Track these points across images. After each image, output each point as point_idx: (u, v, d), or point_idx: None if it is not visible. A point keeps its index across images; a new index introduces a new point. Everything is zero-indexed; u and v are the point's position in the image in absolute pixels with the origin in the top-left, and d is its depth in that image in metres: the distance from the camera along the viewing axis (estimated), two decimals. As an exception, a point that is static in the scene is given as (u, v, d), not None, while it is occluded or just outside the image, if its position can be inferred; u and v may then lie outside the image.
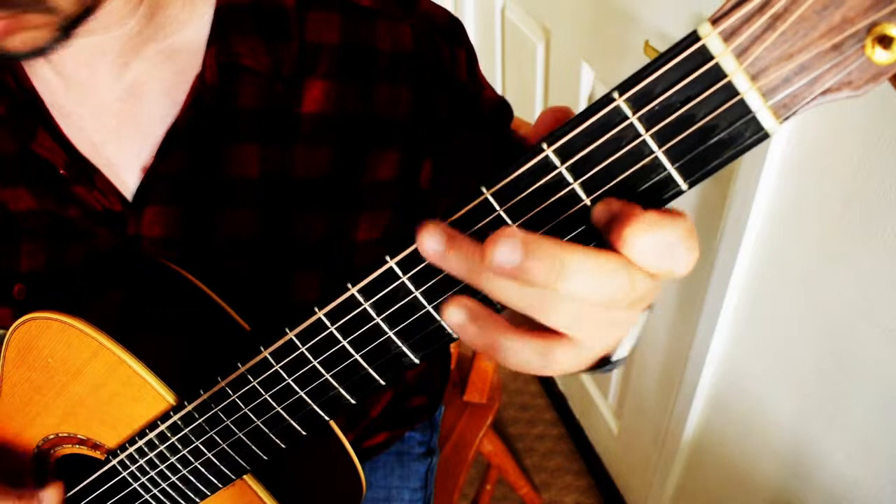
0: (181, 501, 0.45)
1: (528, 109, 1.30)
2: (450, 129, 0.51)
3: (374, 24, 0.48)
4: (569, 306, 0.25)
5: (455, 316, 0.27)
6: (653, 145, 0.24)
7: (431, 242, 0.26)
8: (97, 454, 0.46)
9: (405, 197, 0.51)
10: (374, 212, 0.50)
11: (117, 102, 0.46)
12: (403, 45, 0.48)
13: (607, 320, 0.26)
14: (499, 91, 1.44)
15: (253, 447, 0.39)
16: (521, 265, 0.23)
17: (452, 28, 0.51)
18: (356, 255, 0.51)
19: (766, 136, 0.23)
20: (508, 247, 0.23)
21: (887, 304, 0.63)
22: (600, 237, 0.25)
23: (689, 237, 0.24)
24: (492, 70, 1.42)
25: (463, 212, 0.27)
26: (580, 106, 1.09)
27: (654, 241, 0.23)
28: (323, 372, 0.33)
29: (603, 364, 0.31)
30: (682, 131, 0.23)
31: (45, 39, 0.37)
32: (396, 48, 0.48)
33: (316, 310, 0.32)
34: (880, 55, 0.21)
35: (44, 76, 0.45)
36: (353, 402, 0.34)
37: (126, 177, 0.47)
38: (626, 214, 0.24)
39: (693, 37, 0.22)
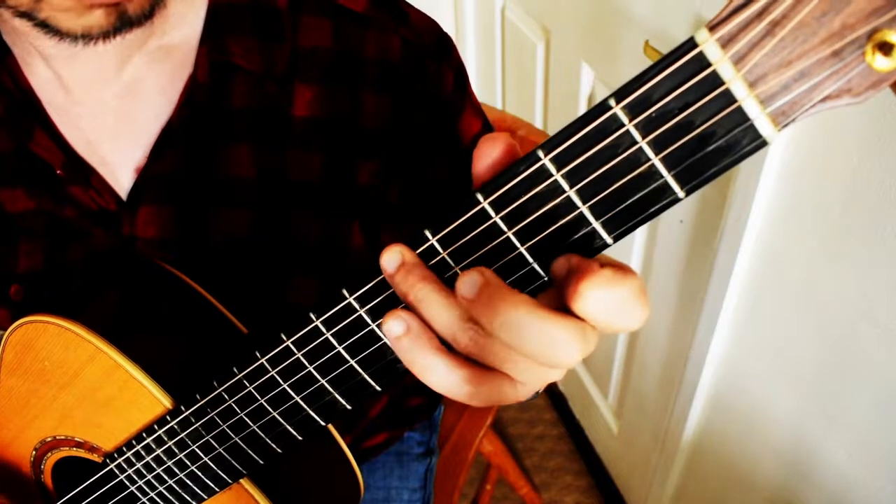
0: (178, 505, 0.45)
1: (528, 109, 1.30)
2: (424, 144, 0.50)
3: (364, 31, 0.48)
4: (502, 350, 0.26)
5: (392, 326, 0.28)
6: (649, 153, 0.24)
7: (387, 261, 0.28)
8: (94, 457, 0.46)
9: (379, 207, 0.51)
10: (366, 217, 0.50)
11: (115, 100, 0.46)
12: (391, 55, 0.48)
13: (539, 368, 0.27)
14: (498, 91, 1.44)
15: (249, 451, 0.39)
16: (472, 303, 0.25)
17: (441, 44, 0.51)
18: (352, 260, 0.50)
19: (764, 143, 0.23)
20: (467, 281, 0.25)
21: (887, 304, 0.63)
22: (593, 249, 0.26)
23: (641, 295, 0.25)
24: (492, 70, 1.42)
25: (460, 220, 0.27)
26: (580, 106, 1.08)
27: (607, 297, 0.24)
28: (318, 377, 0.33)
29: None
30: (680, 139, 0.23)
31: (147, 6, 0.39)
32: (384, 58, 0.48)
33: (312, 316, 0.31)
34: (881, 62, 0.21)
35: (42, 75, 0.45)
36: (349, 407, 0.34)
37: (121, 176, 0.47)
38: (582, 270, 0.24)
39: (690, 43, 0.22)
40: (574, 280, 0.24)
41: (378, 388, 0.33)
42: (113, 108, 0.46)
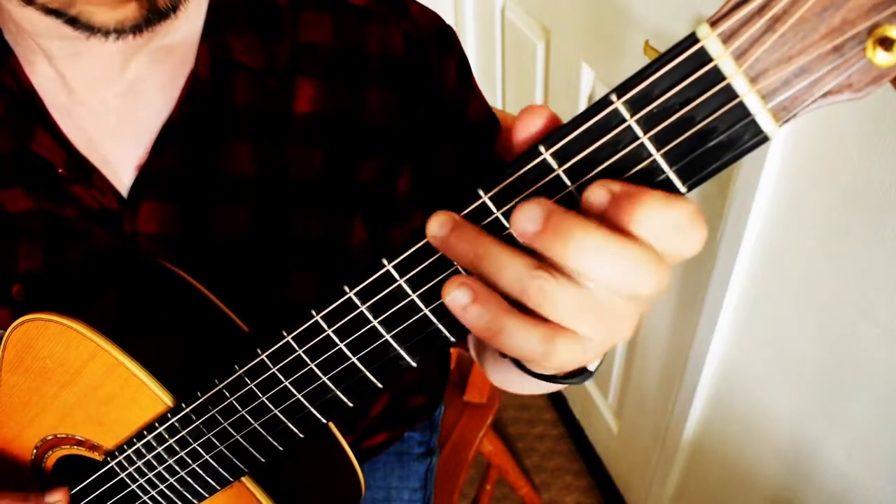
0: (179, 503, 0.45)
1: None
2: (430, 138, 0.50)
3: (365, 25, 0.48)
4: (574, 296, 0.24)
5: (458, 296, 0.26)
6: (651, 148, 0.24)
7: (437, 226, 0.26)
8: (95, 455, 0.46)
9: (384, 203, 0.50)
10: (368, 212, 0.50)
11: (117, 99, 0.46)
12: (394, 49, 0.48)
13: (610, 313, 0.25)
14: (498, 91, 1.44)
15: (250, 449, 0.39)
16: (539, 235, 0.23)
17: (443, 36, 0.51)
18: (352, 257, 0.50)
19: (765, 138, 0.23)
20: (527, 214, 0.24)
21: (887, 304, 0.63)
22: None
23: (696, 218, 0.24)
24: (492, 70, 1.42)
25: (462, 214, 0.27)
26: (580, 106, 1.08)
27: (665, 220, 0.23)
28: (320, 375, 0.33)
29: (577, 374, 0.31)
30: (681, 134, 0.23)
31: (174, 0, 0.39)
32: (387, 52, 0.48)
33: (313, 312, 0.31)
34: (881, 57, 0.21)
35: (44, 74, 0.45)
36: (350, 405, 0.34)
37: (122, 174, 0.47)
38: (633, 194, 0.23)
39: (692, 38, 0.22)
40: (626, 206, 0.23)
41: (380, 386, 0.33)
42: (115, 107, 0.46)
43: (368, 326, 0.31)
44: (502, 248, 0.25)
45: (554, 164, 0.25)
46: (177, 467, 0.42)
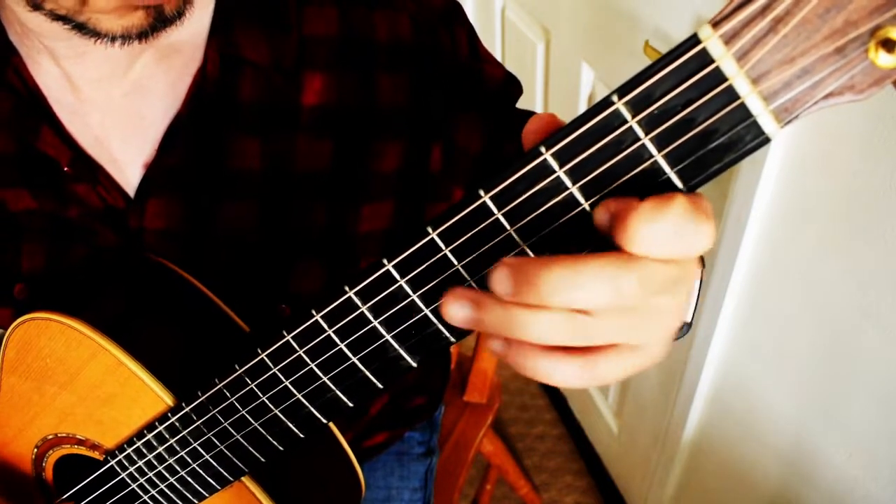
0: (179, 502, 0.45)
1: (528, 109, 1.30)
2: (453, 112, 0.50)
3: (371, 14, 0.48)
4: (592, 324, 0.25)
5: (496, 347, 0.27)
6: (652, 149, 0.24)
7: (458, 309, 0.27)
8: (96, 454, 0.46)
9: (414, 185, 0.51)
10: (377, 203, 0.50)
11: (123, 98, 0.46)
12: (402, 35, 0.48)
13: (640, 317, 0.25)
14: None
15: (250, 449, 0.39)
16: (515, 290, 0.24)
17: (450, 9, 0.51)
18: (358, 247, 0.50)
19: (767, 140, 0.23)
20: (497, 280, 0.24)
21: (887, 304, 0.63)
22: (600, 240, 0.25)
23: (693, 215, 0.23)
24: (492, 69, 1.42)
25: (461, 216, 0.27)
26: (580, 106, 1.08)
27: (657, 231, 0.23)
28: (320, 375, 0.33)
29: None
30: (682, 135, 0.23)
31: (182, 4, 0.39)
32: (395, 39, 0.48)
33: (313, 312, 0.31)
34: (884, 59, 0.21)
35: (49, 72, 0.45)
36: (350, 405, 0.34)
37: (129, 172, 0.47)
38: (624, 211, 0.23)
39: (693, 40, 0.22)
40: (620, 225, 0.23)
41: (380, 386, 0.33)
42: (121, 105, 0.46)
43: (369, 327, 0.31)
44: (520, 312, 0.25)
45: (555, 164, 0.25)
46: (177, 467, 0.42)
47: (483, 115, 0.52)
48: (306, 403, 0.35)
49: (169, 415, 0.40)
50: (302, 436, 0.37)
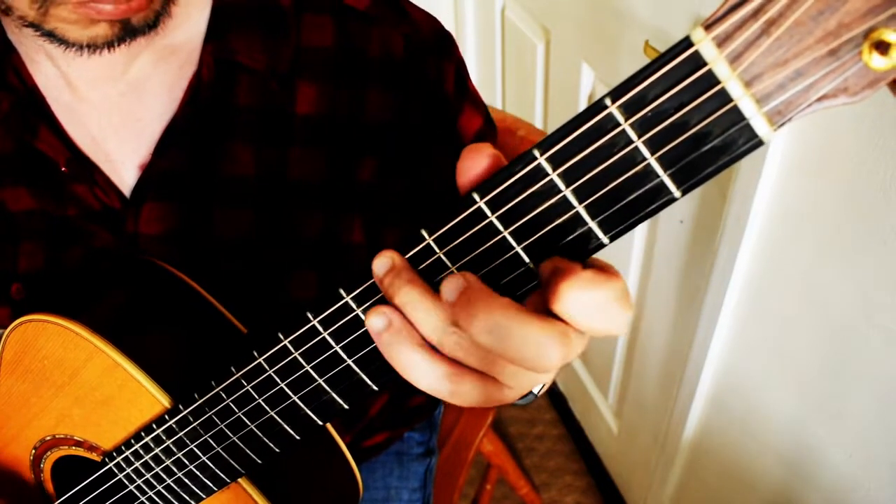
0: (177, 504, 0.45)
1: (528, 109, 1.30)
2: (424, 141, 0.50)
3: (367, 29, 0.48)
4: (485, 357, 0.26)
5: (375, 321, 0.28)
6: (645, 152, 0.23)
7: (379, 265, 0.28)
8: (94, 456, 0.46)
9: (397, 199, 0.51)
10: (368, 214, 0.50)
11: (120, 98, 0.46)
12: (394, 52, 0.48)
13: (517, 373, 0.27)
14: (498, 91, 1.44)
15: (247, 451, 0.39)
16: (453, 306, 0.25)
17: (442, 41, 0.51)
18: (353, 256, 0.51)
19: (760, 143, 0.23)
20: (449, 284, 0.26)
21: (887, 304, 0.62)
22: (594, 247, 0.25)
23: (623, 298, 0.24)
24: (492, 70, 1.42)
25: (456, 220, 0.27)
26: (580, 106, 1.08)
27: (586, 299, 0.24)
28: (316, 377, 0.33)
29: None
30: (675, 138, 0.23)
31: (152, 17, 0.40)
32: (387, 55, 0.48)
33: (310, 316, 0.31)
34: (877, 61, 0.21)
35: (48, 73, 0.45)
36: (346, 407, 0.34)
37: (125, 174, 0.47)
38: (563, 271, 0.24)
39: (686, 42, 0.22)
40: (555, 281, 0.24)
41: (375, 388, 0.33)
42: (118, 105, 0.46)
43: (364, 329, 0.31)
44: (426, 300, 0.27)
45: (548, 167, 0.25)
46: (174, 468, 0.42)
47: (450, 154, 0.52)
48: (302, 405, 0.35)
49: (166, 417, 0.40)
50: (298, 438, 0.37)
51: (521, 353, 0.25)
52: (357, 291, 0.30)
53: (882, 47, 0.21)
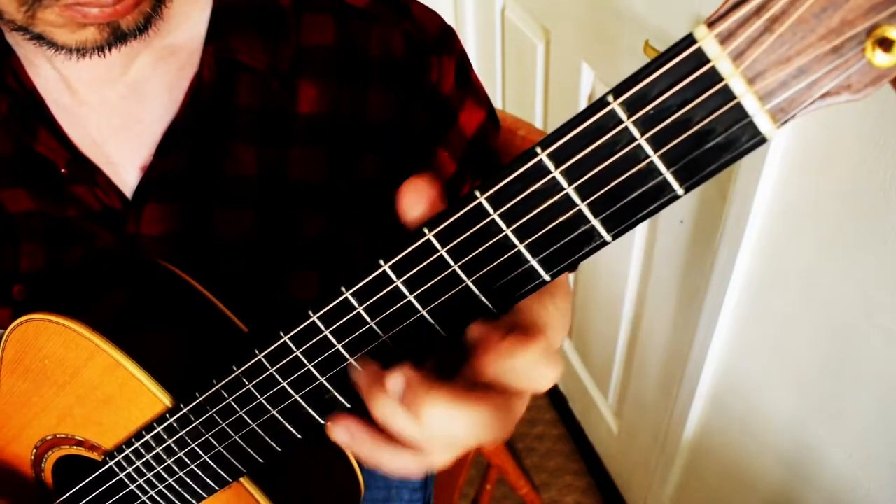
0: (178, 503, 0.45)
1: (527, 109, 1.30)
2: (426, 138, 0.50)
3: (368, 27, 0.48)
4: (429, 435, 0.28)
5: (340, 435, 0.31)
6: (648, 150, 0.23)
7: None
8: (94, 455, 0.46)
9: (384, 202, 0.51)
10: (368, 213, 0.50)
11: (120, 100, 0.46)
12: (395, 50, 0.48)
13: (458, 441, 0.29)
14: (498, 91, 1.44)
15: (248, 450, 0.39)
16: (402, 397, 0.27)
17: (444, 36, 0.51)
18: (354, 255, 0.50)
19: (763, 140, 0.23)
20: (392, 380, 0.27)
21: (887, 304, 0.62)
22: (597, 245, 0.26)
23: (545, 358, 0.26)
24: (492, 70, 1.42)
25: (458, 215, 0.27)
26: (580, 106, 1.08)
27: (507, 367, 0.25)
28: (318, 375, 0.33)
29: None
30: (678, 135, 0.23)
31: (142, 20, 0.39)
32: (388, 54, 0.48)
33: (310, 313, 0.31)
34: (881, 58, 0.21)
35: (46, 74, 0.45)
36: (348, 406, 0.34)
37: (126, 175, 0.47)
38: (483, 342, 0.26)
39: (689, 39, 0.22)
40: (476, 353, 0.26)
41: (377, 386, 0.33)
42: (118, 107, 0.46)
43: (365, 327, 0.31)
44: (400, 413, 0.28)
45: (550, 165, 0.25)
46: (175, 468, 0.42)
47: (453, 150, 0.52)
48: (304, 404, 0.35)
49: (167, 415, 0.40)
50: (300, 436, 0.37)
51: (471, 430, 0.26)
52: (357, 287, 0.30)
53: (885, 44, 0.21)
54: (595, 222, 0.25)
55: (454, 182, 0.52)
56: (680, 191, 0.24)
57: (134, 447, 0.43)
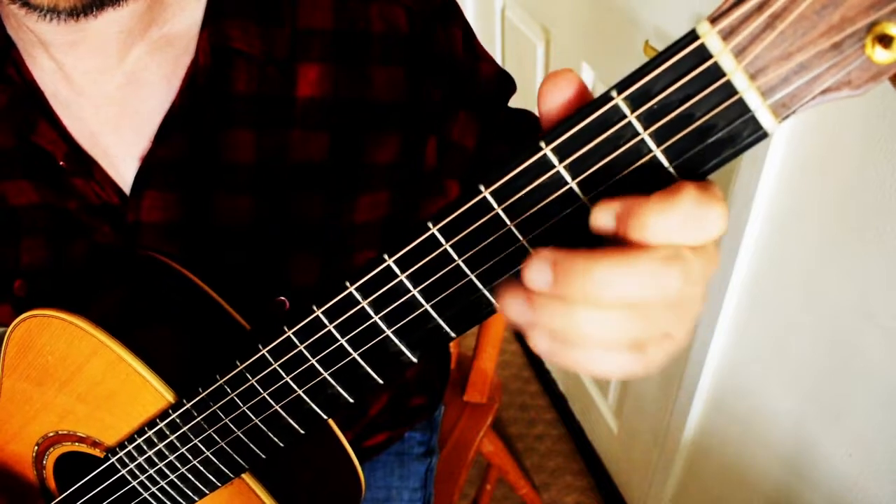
0: (180, 500, 0.45)
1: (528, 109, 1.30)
2: (447, 108, 0.51)
3: (367, 6, 0.48)
4: (638, 315, 0.24)
5: (513, 306, 0.26)
6: (651, 144, 0.24)
7: (514, 305, 0.26)
8: (96, 452, 0.46)
9: (409, 177, 0.51)
10: (372, 194, 0.50)
11: (117, 91, 0.46)
12: (397, 26, 0.48)
13: (680, 307, 0.25)
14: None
15: (251, 445, 0.39)
16: (556, 284, 0.23)
17: (448, 7, 0.51)
18: (355, 238, 0.51)
19: (764, 135, 0.23)
20: (535, 269, 0.24)
21: (887, 304, 0.63)
22: (596, 237, 0.25)
23: (703, 201, 0.23)
24: (492, 70, 1.42)
25: (461, 210, 0.27)
26: (581, 106, 1.08)
27: (671, 222, 0.23)
28: (321, 370, 0.33)
29: None
30: (681, 130, 0.23)
31: None
32: (390, 31, 0.48)
33: (314, 308, 0.32)
34: (880, 54, 0.21)
35: (44, 66, 0.45)
36: (351, 400, 0.34)
37: (123, 168, 0.47)
38: (632, 206, 0.23)
39: (692, 35, 0.22)
40: (630, 219, 0.23)
41: (381, 381, 0.33)
42: (116, 98, 0.46)
43: (370, 322, 0.31)
44: (580, 309, 0.24)
45: (555, 159, 0.25)
46: (178, 464, 0.42)
47: (477, 114, 0.52)
48: (307, 399, 0.35)
49: (169, 411, 0.40)
50: (303, 432, 0.37)
51: (645, 287, 0.23)
52: (361, 281, 0.30)
53: (885, 41, 0.21)
54: None
55: (478, 143, 0.52)
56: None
57: (136, 443, 0.43)
